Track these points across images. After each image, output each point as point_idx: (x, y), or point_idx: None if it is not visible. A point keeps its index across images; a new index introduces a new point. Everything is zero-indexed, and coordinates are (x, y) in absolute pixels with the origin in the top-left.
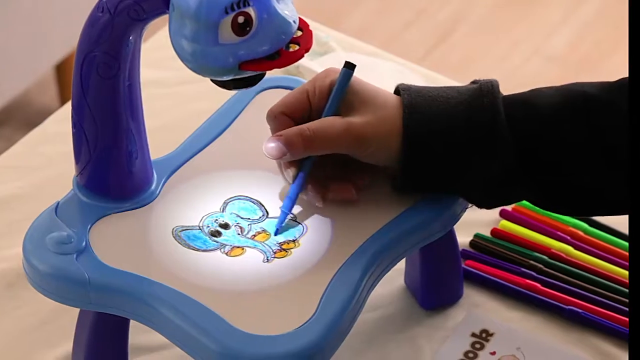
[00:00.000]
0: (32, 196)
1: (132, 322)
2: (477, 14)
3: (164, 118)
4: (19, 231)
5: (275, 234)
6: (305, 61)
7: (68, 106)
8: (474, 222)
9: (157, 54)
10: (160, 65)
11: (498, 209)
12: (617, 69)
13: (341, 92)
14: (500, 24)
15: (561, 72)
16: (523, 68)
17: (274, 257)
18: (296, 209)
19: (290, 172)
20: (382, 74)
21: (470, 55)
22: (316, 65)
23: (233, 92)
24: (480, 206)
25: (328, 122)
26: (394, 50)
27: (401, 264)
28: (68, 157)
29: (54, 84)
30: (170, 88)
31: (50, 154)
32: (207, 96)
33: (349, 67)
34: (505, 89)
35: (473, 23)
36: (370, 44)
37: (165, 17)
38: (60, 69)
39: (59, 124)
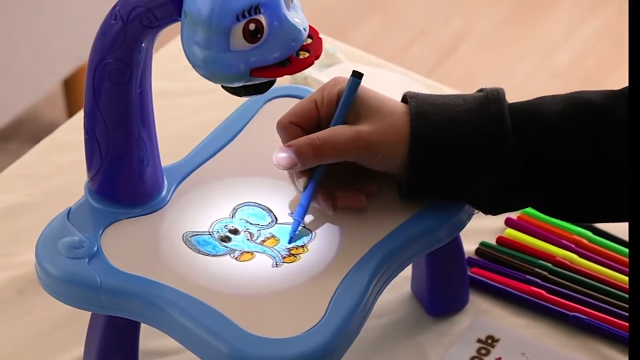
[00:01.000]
0: (42, 204)
1: (144, 328)
2: (480, 31)
3: (174, 128)
4: (29, 238)
5: (290, 242)
6: (312, 72)
7: (77, 116)
8: (480, 231)
9: (167, 66)
10: (170, 76)
11: (503, 218)
12: (619, 84)
13: (349, 101)
14: (503, 40)
15: (564, 88)
16: (527, 84)
17: (283, 262)
18: (306, 216)
19: (302, 181)
20: (388, 85)
21: (474, 72)
22: (323, 76)
23: (241, 102)
24: (486, 212)
25: (337, 131)
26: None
27: (407, 271)
28: (77, 166)
29: (61, 99)
30: (179, 99)
31: (60, 162)
32: (215, 107)
33: (357, 76)
34: None
35: (476, 40)
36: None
37: (175, 28)
38: (68, 84)
39: (69, 134)
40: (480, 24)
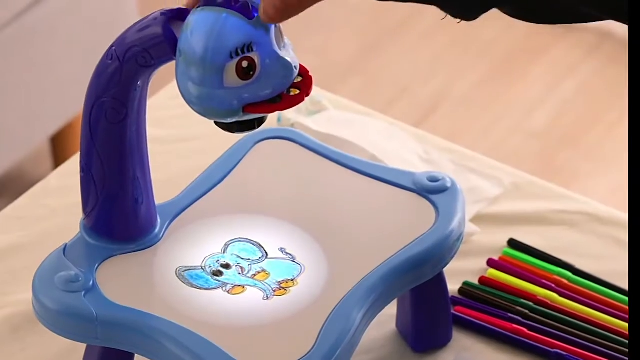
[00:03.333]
0: (36, 245)
1: None
2: (458, 92)
3: (165, 172)
4: (24, 278)
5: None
6: (299, 118)
7: (70, 162)
8: (463, 271)
9: (157, 114)
10: (160, 124)
11: (485, 259)
12: (597, 144)
13: None
14: (481, 101)
15: (542, 147)
16: (505, 143)
17: (274, 295)
18: (294, 251)
19: None
20: (375, 131)
21: (453, 132)
22: (310, 122)
23: (230, 146)
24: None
25: None
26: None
27: (393, 310)
28: (70, 209)
29: (48, 156)
30: (169, 145)
31: (53, 205)
32: (204, 152)
33: None
34: (489, 163)
35: (455, 101)
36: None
37: (165, 77)
38: (55, 141)
39: (62, 179)
40: (458, 85)
